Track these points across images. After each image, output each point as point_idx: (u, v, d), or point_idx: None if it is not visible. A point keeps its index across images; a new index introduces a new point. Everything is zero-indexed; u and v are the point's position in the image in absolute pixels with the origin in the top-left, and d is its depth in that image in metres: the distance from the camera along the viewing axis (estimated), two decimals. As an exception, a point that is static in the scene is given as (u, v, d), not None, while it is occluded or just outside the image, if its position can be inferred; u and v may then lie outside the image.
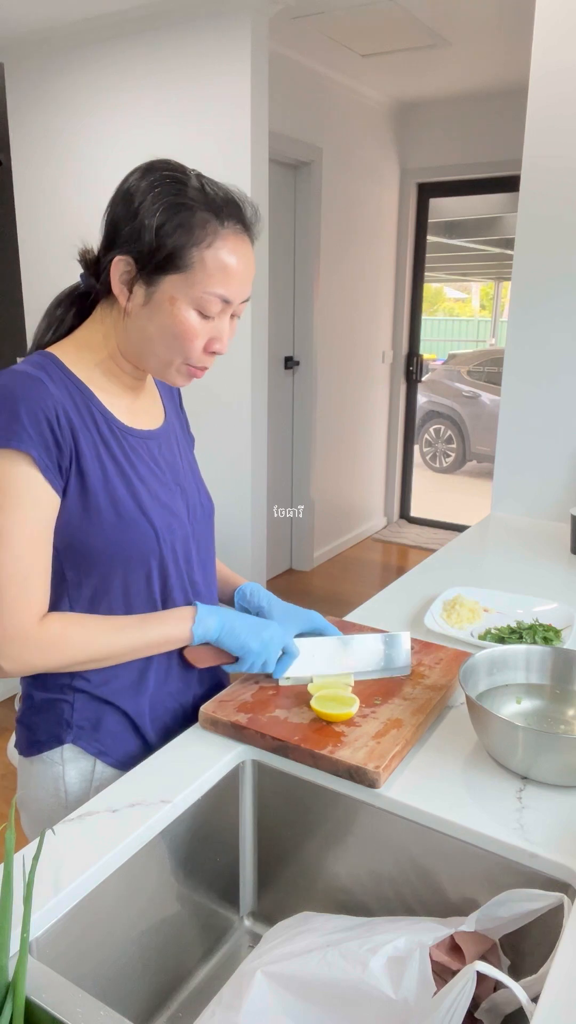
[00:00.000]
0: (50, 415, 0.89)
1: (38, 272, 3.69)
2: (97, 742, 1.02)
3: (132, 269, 0.92)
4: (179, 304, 0.91)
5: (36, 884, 0.74)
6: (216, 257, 0.90)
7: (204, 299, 0.91)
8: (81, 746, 1.01)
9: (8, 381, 0.89)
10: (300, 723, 0.98)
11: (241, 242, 0.93)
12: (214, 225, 0.90)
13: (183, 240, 0.89)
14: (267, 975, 0.74)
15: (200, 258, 0.90)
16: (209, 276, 0.90)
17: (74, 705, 1.01)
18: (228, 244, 0.91)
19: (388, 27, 3.23)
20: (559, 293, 2.01)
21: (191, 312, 0.92)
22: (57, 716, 1.01)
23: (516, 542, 1.95)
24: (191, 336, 0.93)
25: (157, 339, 0.94)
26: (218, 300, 0.92)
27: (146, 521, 0.97)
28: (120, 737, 1.03)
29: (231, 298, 0.93)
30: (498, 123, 4.29)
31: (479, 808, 0.87)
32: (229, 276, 0.91)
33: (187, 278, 0.90)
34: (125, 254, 0.92)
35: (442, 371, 7.72)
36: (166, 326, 0.92)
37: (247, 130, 2.92)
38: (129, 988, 0.86)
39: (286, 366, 4.21)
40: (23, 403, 0.88)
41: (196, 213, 0.90)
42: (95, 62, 3.24)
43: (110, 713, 1.02)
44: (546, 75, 1.91)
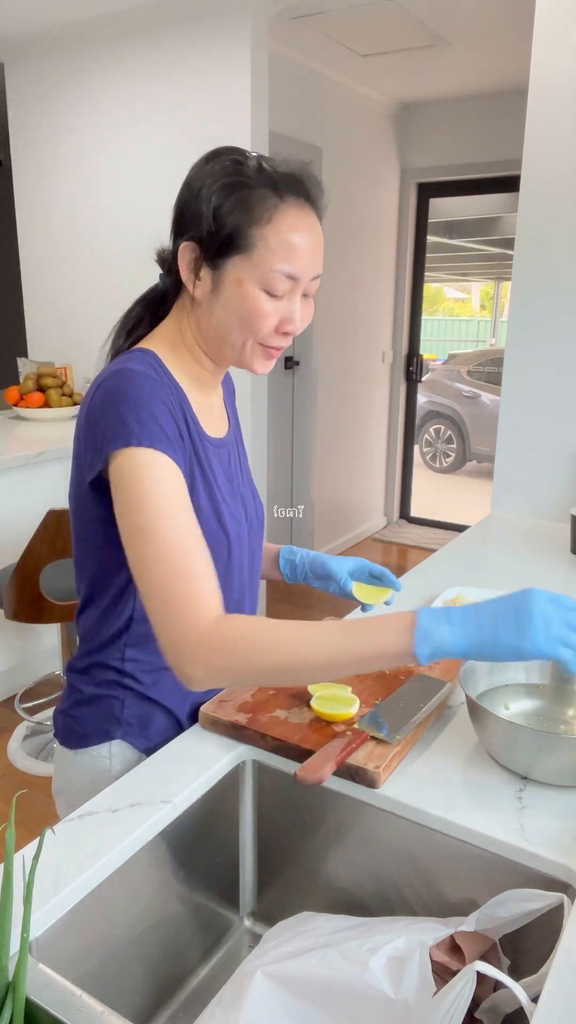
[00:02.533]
0: (176, 413, 0.91)
1: (38, 272, 3.69)
2: (146, 739, 1.03)
3: (197, 255, 0.91)
4: (246, 285, 0.89)
5: (36, 884, 0.74)
6: (278, 233, 0.88)
7: (270, 277, 0.89)
8: (130, 742, 1.02)
9: (134, 379, 0.88)
10: (300, 723, 0.98)
11: (304, 216, 0.90)
12: (273, 200, 0.88)
13: (242, 219, 0.88)
14: (267, 975, 0.74)
15: (262, 236, 0.88)
16: (272, 253, 0.88)
17: (124, 702, 1.01)
18: (289, 219, 0.89)
19: (388, 27, 3.23)
20: (559, 293, 2.01)
21: (259, 292, 0.89)
22: (107, 711, 1.01)
23: (516, 542, 1.95)
24: (261, 316, 0.90)
25: (228, 324, 0.92)
26: (284, 277, 0.89)
27: (222, 532, 0.97)
28: (166, 736, 1.04)
29: (298, 274, 0.90)
30: (498, 123, 4.28)
31: (479, 808, 0.87)
32: (293, 252, 0.89)
33: (250, 257, 0.88)
34: (189, 240, 0.91)
35: (442, 371, 7.72)
36: (235, 309, 0.91)
37: (247, 130, 2.92)
38: (129, 988, 0.86)
39: (286, 366, 4.21)
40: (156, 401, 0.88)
41: (254, 191, 0.88)
42: (95, 62, 3.24)
43: (158, 712, 1.03)
44: (546, 75, 1.91)
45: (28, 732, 2.75)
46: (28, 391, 3.42)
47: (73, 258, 3.54)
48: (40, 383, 3.45)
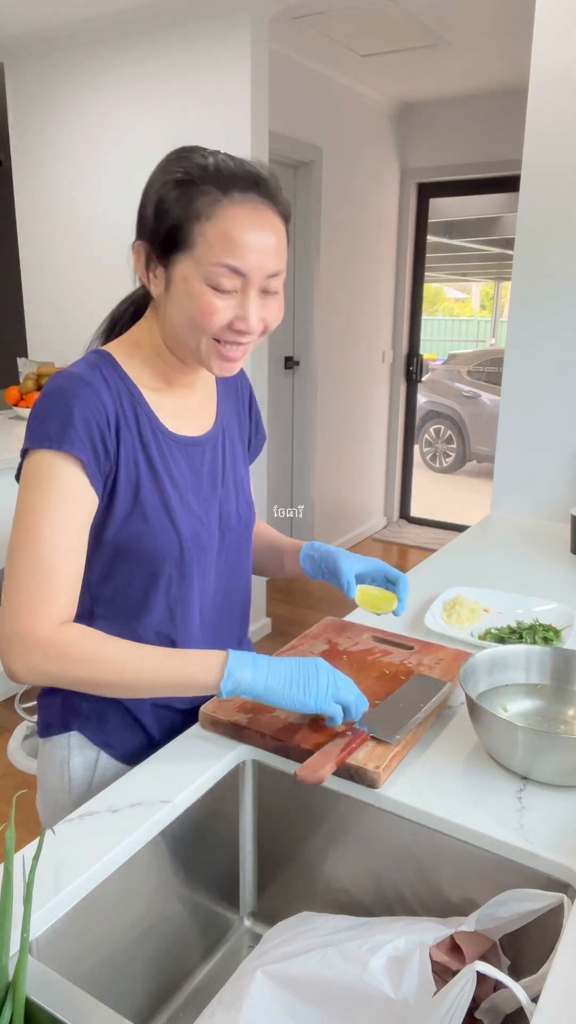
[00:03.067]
0: (100, 420, 0.90)
1: (38, 272, 3.69)
2: (103, 734, 1.04)
3: (147, 253, 0.92)
4: (191, 282, 0.88)
5: (36, 884, 0.74)
6: (218, 229, 0.87)
7: (213, 272, 0.87)
8: (87, 735, 1.03)
9: (65, 384, 0.90)
10: (300, 723, 0.98)
11: (253, 212, 0.88)
12: (215, 196, 0.87)
13: (183, 215, 0.87)
14: (267, 975, 0.74)
15: (202, 232, 0.87)
16: (212, 249, 0.87)
17: (84, 695, 1.02)
18: (231, 214, 0.87)
19: (388, 27, 3.23)
20: (559, 293, 2.01)
21: (205, 288, 0.88)
22: (67, 702, 1.04)
23: (516, 542, 1.95)
24: (207, 312, 0.89)
25: (181, 323, 0.92)
26: (228, 271, 0.87)
27: (173, 529, 0.97)
28: (124, 732, 1.04)
29: (244, 270, 0.88)
30: (498, 123, 4.28)
31: (479, 808, 0.87)
32: (236, 246, 0.87)
33: (193, 254, 0.88)
34: (139, 239, 0.93)
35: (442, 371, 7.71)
36: (184, 307, 0.90)
37: (247, 130, 2.92)
38: (129, 988, 0.85)
39: (286, 366, 4.21)
40: (78, 407, 0.89)
41: (198, 187, 0.87)
42: (95, 62, 3.24)
43: (115, 707, 1.03)
44: (546, 75, 1.91)
45: (28, 732, 2.75)
46: (28, 391, 3.43)
47: (73, 258, 3.54)
48: (40, 383, 3.46)
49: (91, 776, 1.03)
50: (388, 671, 1.12)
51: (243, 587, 1.14)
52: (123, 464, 0.93)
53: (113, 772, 1.03)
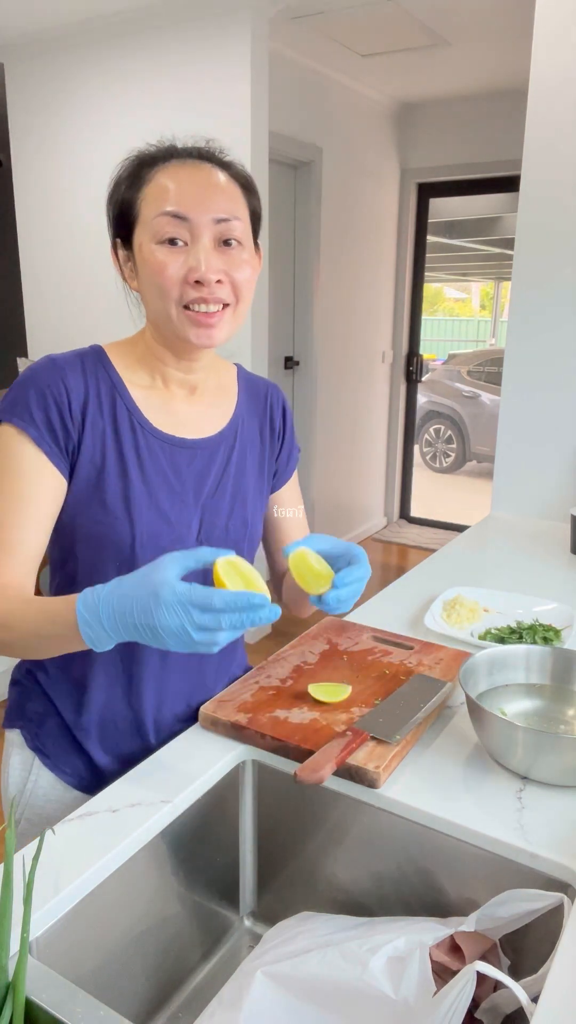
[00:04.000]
0: (60, 399, 0.91)
1: (38, 272, 3.69)
2: (37, 738, 1.04)
3: (115, 246, 0.95)
4: (144, 247, 0.90)
5: (36, 884, 0.74)
6: (156, 184, 0.89)
7: (156, 224, 0.88)
8: (24, 735, 1.04)
9: (36, 364, 0.93)
10: (300, 723, 0.98)
11: (188, 165, 0.91)
12: (155, 165, 0.91)
13: (131, 193, 0.91)
14: (267, 975, 0.74)
15: (144, 195, 0.90)
16: (152, 203, 0.89)
17: (30, 693, 1.04)
18: (169, 169, 0.90)
19: (388, 27, 3.23)
20: (559, 293, 2.01)
21: (154, 246, 0.89)
22: (16, 698, 1.06)
23: (516, 542, 1.95)
24: (160, 268, 0.88)
25: (150, 299, 0.92)
26: (170, 218, 0.88)
27: (128, 521, 0.94)
28: (62, 745, 1.04)
29: (184, 212, 0.88)
30: (498, 123, 4.28)
31: (479, 808, 0.87)
32: (172, 192, 0.88)
33: (142, 219, 0.90)
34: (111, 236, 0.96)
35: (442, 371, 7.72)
36: (145, 277, 0.91)
37: (247, 130, 2.92)
38: (129, 988, 0.85)
39: (286, 366, 4.21)
40: (35, 385, 0.91)
41: (140, 165, 0.92)
42: (95, 62, 3.24)
43: (52, 714, 1.04)
44: (546, 75, 1.91)
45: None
46: (28, 391, 3.42)
47: (73, 258, 3.54)
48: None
49: (24, 779, 1.04)
50: (388, 671, 1.12)
51: None
52: (87, 447, 0.93)
53: (48, 784, 1.03)
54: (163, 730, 1.05)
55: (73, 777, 1.04)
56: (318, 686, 1.05)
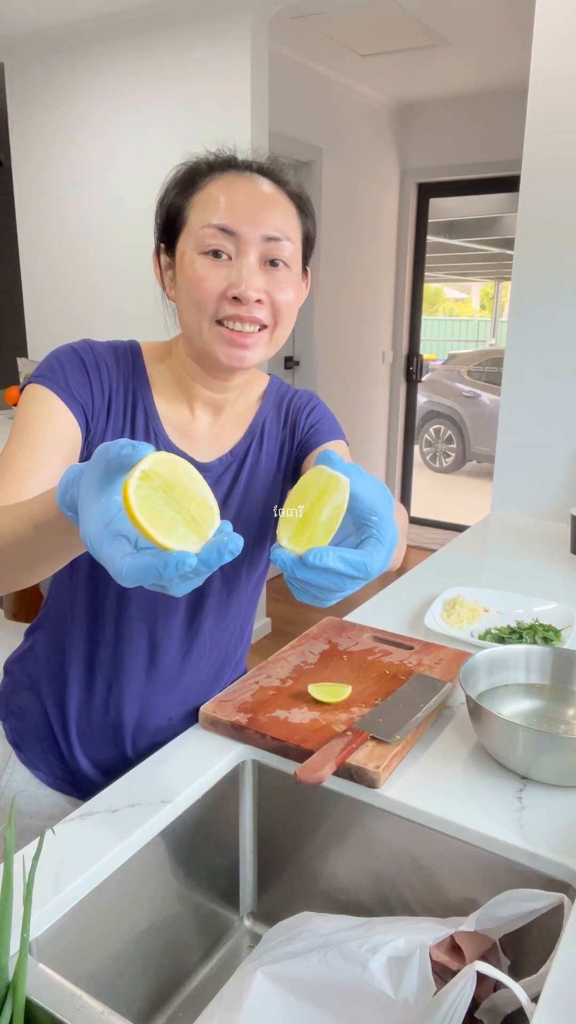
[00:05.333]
0: (91, 372, 0.90)
1: (38, 272, 3.69)
2: (16, 733, 1.04)
3: (159, 248, 0.93)
4: (188, 255, 0.87)
5: (36, 884, 0.74)
6: (207, 194, 0.87)
7: (203, 235, 0.85)
8: (5, 728, 1.05)
9: (74, 343, 0.92)
10: (300, 723, 0.98)
11: (242, 179, 0.88)
12: (207, 174, 0.89)
13: (181, 199, 0.89)
14: (267, 975, 0.74)
15: (193, 204, 0.88)
16: (201, 212, 0.86)
17: (16, 685, 1.05)
18: (220, 182, 0.87)
19: (388, 27, 3.23)
20: (559, 293, 2.01)
21: (197, 256, 0.86)
22: (3, 688, 1.07)
23: (516, 542, 1.95)
24: (199, 281, 0.85)
25: (184, 306, 0.88)
26: (217, 231, 0.85)
27: None
28: (39, 743, 1.04)
29: (233, 227, 0.85)
30: (498, 123, 4.28)
31: (479, 808, 0.87)
32: (223, 205, 0.85)
33: (188, 227, 0.87)
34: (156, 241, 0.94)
35: (442, 371, 7.72)
36: (184, 287, 0.87)
37: (247, 130, 2.92)
38: (129, 988, 0.85)
39: (286, 366, 4.21)
40: (70, 358, 0.90)
41: (195, 172, 0.90)
42: (95, 62, 3.24)
43: (35, 712, 1.03)
44: (546, 75, 1.91)
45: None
46: (28, 391, 3.42)
47: (73, 258, 3.54)
48: (40, 383, 3.45)
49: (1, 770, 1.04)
50: (388, 671, 1.12)
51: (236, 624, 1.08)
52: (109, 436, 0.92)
53: (22, 779, 1.04)
54: (142, 742, 1.04)
55: (48, 776, 1.04)
56: (318, 686, 1.05)
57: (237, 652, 1.11)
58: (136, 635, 0.99)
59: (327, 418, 1.08)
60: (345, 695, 1.04)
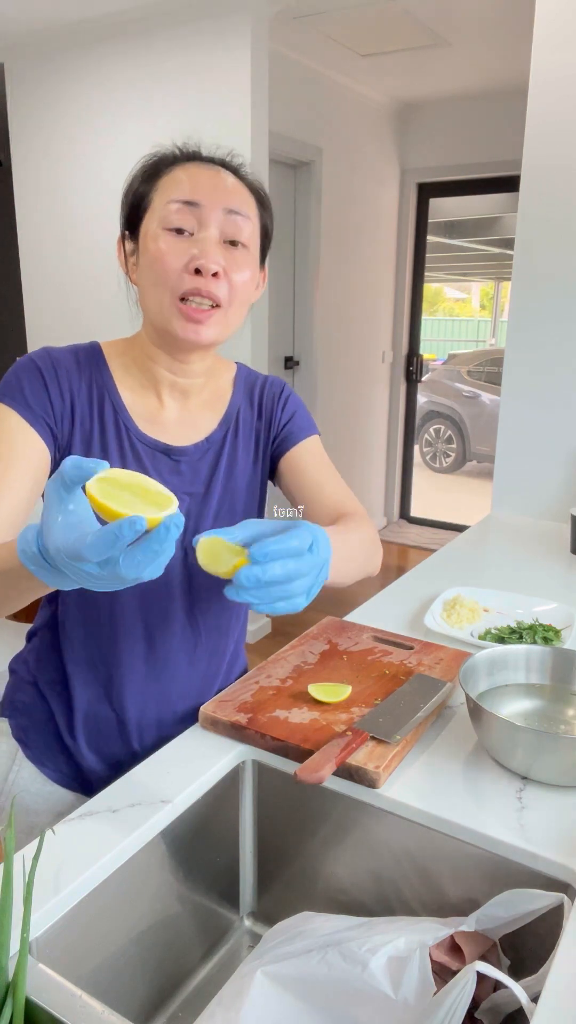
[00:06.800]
0: (51, 385, 0.92)
1: (38, 272, 3.68)
2: (21, 730, 1.05)
3: (123, 235, 0.96)
4: (151, 233, 0.90)
5: (36, 884, 0.74)
6: (171, 177, 0.91)
7: (166, 211, 0.89)
8: (10, 725, 1.05)
9: (32, 354, 0.94)
10: (300, 723, 0.98)
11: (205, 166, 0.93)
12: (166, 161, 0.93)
13: (146, 187, 0.93)
14: (267, 975, 0.74)
15: (157, 187, 0.92)
16: (167, 191, 0.90)
17: (19, 683, 1.06)
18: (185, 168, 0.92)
19: (388, 27, 3.23)
20: (559, 293, 2.01)
21: (161, 232, 0.89)
22: (9, 687, 1.07)
23: (516, 542, 1.95)
24: (163, 256, 0.88)
25: (147, 283, 0.91)
26: (181, 205, 0.88)
27: None
28: (44, 739, 1.04)
29: (197, 199, 0.88)
30: (498, 123, 4.29)
31: (479, 808, 0.87)
32: (185, 183, 0.90)
33: (152, 208, 0.91)
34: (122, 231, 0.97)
35: (442, 371, 7.72)
36: (146, 264, 0.91)
37: (247, 130, 2.92)
38: (129, 988, 0.85)
39: (286, 366, 4.21)
40: (28, 371, 0.92)
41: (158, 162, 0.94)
42: (95, 62, 3.24)
43: (40, 708, 1.04)
44: (546, 75, 1.91)
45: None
46: (28, 391, 3.42)
47: (73, 258, 3.54)
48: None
49: (7, 772, 1.04)
50: (388, 671, 1.12)
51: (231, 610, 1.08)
52: (77, 445, 0.94)
53: (29, 776, 1.04)
54: (148, 735, 1.04)
55: (55, 772, 1.04)
56: (318, 686, 1.05)
57: (232, 641, 1.11)
58: (131, 627, 1.00)
59: (300, 411, 1.12)
60: (345, 695, 1.04)
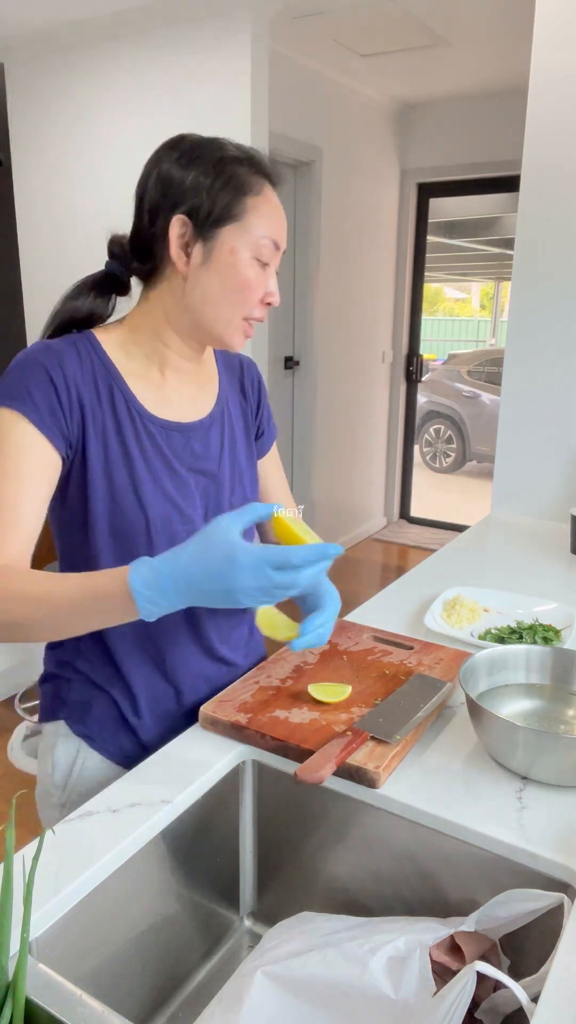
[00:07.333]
0: (59, 384, 0.91)
1: (38, 272, 3.69)
2: (84, 725, 1.05)
3: (189, 229, 0.93)
4: (239, 254, 0.93)
5: (36, 884, 0.74)
6: (268, 203, 0.95)
7: (261, 244, 0.94)
8: (69, 725, 1.05)
9: (32, 348, 0.93)
10: (300, 723, 0.98)
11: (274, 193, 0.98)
12: (260, 177, 0.96)
13: (236, 190, 0.93)
14: (267, 975, 0.74)
15: (254, 205, 0.94)
16: (262, 221, 0.94)
17: (71, 684, 1.05)
18: (272, 194, 0.97)
19: (388, 27, 3.23)
20: (559, 293, 2.01)
21: (251, 259, 0.94)
22: (55, 691, 1.06)
23: (516, 542, 1.95)
24: (252, 286, 0.95)
25: (219, 296, 0.95)
26: (272, 245, 0.95)
27: (140, 510, 0.96)
28: (109, 727, 1.05)
29: (280, 244, 0.97)
30: (498, 123, 4.28)
31: (479, 808, 0.87)
32: (277, 222, 0.96)
33: (243, 226, 0.93)
34: (182, 214, 0.93)
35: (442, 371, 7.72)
36: (228, 279, 0.94)
37: (247, 130, 2.92)
38: (129, 988, 0.85)
39: (286, 366, 4.21)
40: (32, 367, 0.91)
41: (243, 166, 0.94)
42: (95, 62, 3.24)
43: (101, 699, 1.04)
44: (546, 75, 1.91)
45: (28, 732, 2.75)
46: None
47: (73, 258, 3.54)
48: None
49: (71, 767, 1.04)
50: (388, 671, 1.12)
51: None
52: (92, 439, 0.94)
53: (93, 766, 1.04)
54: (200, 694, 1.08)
55: (121, 756, 1.05)
56: (318, 686, 1.05)
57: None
58: None
59: (267, 400, 1.20)
60: (345, 695, 1.04)
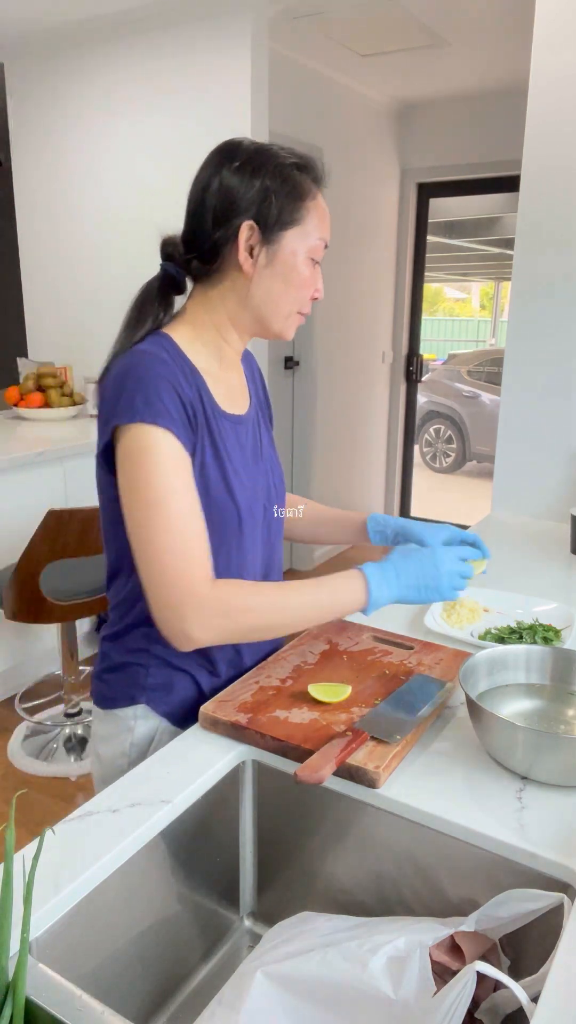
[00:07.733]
0: (180, 392, 0.96)
1: (38, 273, 3.69)
2: (167, 704, 1.09)
3: (256, 233, 1.00)
4: (298, 255, 1.02)
5: (36, 884, 0.74)
6: (320, 208, 1.03)
7: (316, 246, 1.03)
8: (152, 707, 1.09)
9: (141, 359, 0.96)
10: (300, 723, 0.98)
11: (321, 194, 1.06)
12: (310, 181, 1.03)
13: (297, 197, 1.01)
14: (267, 975, 0.74)
15: (309, 210, 1.02)
16: (318, 224, 1.03)
17: (149, 669, 1.08)
18: (320, 196, 1.04)
19: (388, 27, 3.23)
20: (559, 293, 2.01)
21: (307, 260, 1.02)
22: (133, 678, 1.09)
23: (516, 542, 1.95)
24: (308, 284, 1.04)
25: (281, 294, 1.03)
26: (323, 244, 1.04)
27: (232, 503, 1.03)
28: (189, 703, 1.09)
29: (328, 244, 1.05)
30: (498, 123, 4.28)
31: (479, 808, 0.87)
32: (327, 223, 1.05)
33: (303, 230, 1.01)
34: (250, 219, 0.99)
35: (442, 371, 7.72)
36: (290, 279, 1.02)
37: (247, 130, 2.92)
38: (129, 988, 0.86)
39: (286, 366, 4.21)
40: (157, 381, 0.94)
41: (297, 171, 1.01)
42: (95, 62, 3.24)
43: (181, 678, 1.09)
44: (546, 75, 1.91)
45: (28, 732, 2.75)
46: (28, 391, 3.42)
47: (73, 258, 3.54)
48: (40, 383, 3.45)
49: (149, 744, 1.09)
50: (388, 671, 1.12)
51: (279, 557, 1.21)
52: (201, 439, 1.00)
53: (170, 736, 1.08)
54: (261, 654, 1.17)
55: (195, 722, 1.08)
56: (318, 686, 1.05)
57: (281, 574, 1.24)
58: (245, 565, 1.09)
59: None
60: (345, 695, 1.04)
